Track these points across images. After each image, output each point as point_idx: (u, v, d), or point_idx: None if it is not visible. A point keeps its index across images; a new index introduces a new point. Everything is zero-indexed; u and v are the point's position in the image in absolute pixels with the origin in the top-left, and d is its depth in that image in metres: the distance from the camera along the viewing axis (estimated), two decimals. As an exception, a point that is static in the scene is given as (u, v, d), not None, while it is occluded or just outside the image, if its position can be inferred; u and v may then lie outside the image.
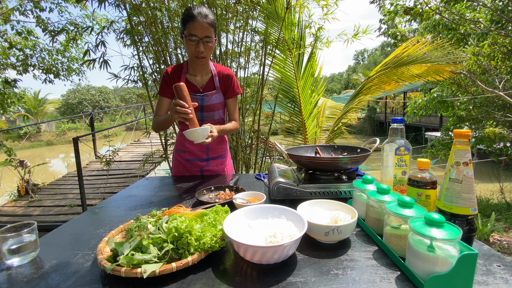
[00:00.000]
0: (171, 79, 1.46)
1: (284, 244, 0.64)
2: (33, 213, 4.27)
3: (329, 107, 4.18)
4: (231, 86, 1.52)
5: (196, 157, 1.59)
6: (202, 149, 1.58)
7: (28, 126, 16.43)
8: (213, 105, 1.49)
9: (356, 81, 27.27)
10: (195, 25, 1.30)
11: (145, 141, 8.98)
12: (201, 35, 1.32)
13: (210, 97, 1.48)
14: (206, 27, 1.31)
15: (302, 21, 3.08)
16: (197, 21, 1.29)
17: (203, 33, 1.32)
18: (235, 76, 1.54)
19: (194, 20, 1.29)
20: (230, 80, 1.51)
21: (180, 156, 1.61)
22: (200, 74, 1.49)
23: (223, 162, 1.65)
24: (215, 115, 1.52)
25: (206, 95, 1.47)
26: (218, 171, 1.63)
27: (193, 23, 1.30)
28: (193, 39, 1.32)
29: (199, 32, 1.31)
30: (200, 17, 1.29)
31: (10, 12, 5.55)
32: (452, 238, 0.56)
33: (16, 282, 0.65)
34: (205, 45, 1.34)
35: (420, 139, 16.23)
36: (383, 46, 46.04)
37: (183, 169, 1.61)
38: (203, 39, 1.33)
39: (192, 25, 1.30)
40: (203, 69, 1.48)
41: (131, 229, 0.77)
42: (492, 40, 4.30)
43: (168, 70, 1.48)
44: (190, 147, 1.57)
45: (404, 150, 0.94)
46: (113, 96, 27.31)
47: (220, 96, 1.51)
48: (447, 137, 5.42)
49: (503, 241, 3.44)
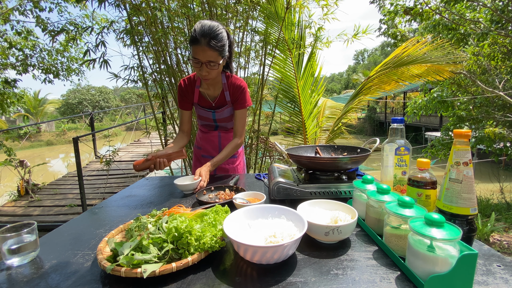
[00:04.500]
0: (185, 93, 1.51)
1: (284, 244, 0.64)
2: (33, 213, 4.27)
3: (329, 107, 4.17)
4: (240, 98, 1.49)
5: (209, 154, 1.67)
6: (215, 147, 1.66)
7: (28, 126, 16.42)
8: (225, 118, 1.56)
9: (356, 81, 27.27)
10: (197, 50, 1.24)
11: (145, 141, 8.97)
12: (203, 60, 1.26)
13: (221, 113, 1.53)
14: (209, 53, 1.24)
15: (302, 21, 3.09)
16: (200, 45, 1.22)
17: (205, 58, 1.26)
18: (246, 88, 1.51)
19: (197, 43, 1.23)
20: (240, 91, 1.48)
21: (197, 152, 1.73)
22: (213, 88, 1.50)
23: (235, 161, 1.70)
24: (228, 125, 1.61)
25: (217, 112, 1.52)
26: (229, 169, 1.68)
27: (196, 46, 1.24)
28: (196, 62, 1.28)
29: (201, 57, 1.25)
30: (203, 41, 1.22)
31: (10, 12, 5.55)
32: (452, 238, 0.56)
33: (16, 282, 0.65)
34: (209, 69, 1.29)
35: (420, 139, 16.22)
36: (383, 46, 46.04)
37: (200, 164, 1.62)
38: (206, 63, 1.27)
39: (195, 48, 1.24)
40: (215, 84, 1.48)
41: (131, 229, 0.77)
42: (492, 40, 4.30)
43: (181, 84, 1.51)
44: (205, 145, 1.67)
45: (404, 150, 0.94)
46: (113, 96, 27.29)
47: (232, 109, 1.54)
48: (447, 137, 5.42)
49: (503, 241, 3.44)
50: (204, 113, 1.54)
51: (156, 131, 3.18)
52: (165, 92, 3.05)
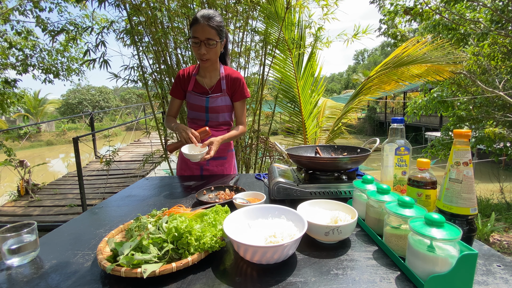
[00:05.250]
0: (181, 82, 1.55)
1: (284, 244, 0.64)
2: (33, 213, 4.27)
3: (329, 107, 4.17)
4: (239, 89, 1.54)
5: None
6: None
7: (28, 126, 16.43)
8: (217, 107, 1.53)
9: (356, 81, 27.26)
10: (197, 28, 1.33)
11: (145, 141, 8.97)
12: (202, 37, 1.34)
13: (215, 99, 1.52)
14: (208, 30, 1.33)
15: (302, 21, 3.09)
16: (199, 23, 1.32)
17: (204, 35, 1.33)
18: (243, 79, 1.56)
19: (197, 22, 1.32)
20: (238, 83, 1.53)
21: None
22: (209, 76, 1.53)
23: (224, 163, 1.66)
24: (220, 117, 1.57)
25: (211, 97, 1.51)
26: (217, 171, 1.64)
27: (196, 26, 1.33)
28: (195, 42, 1.35)
29: (200, 34, 1.33)
30: (202, 19, 1.32)
31: (9, 12, 5.55)
32: (452, 238, 0.56)
33: (16, 282, 0.65)
34: (208, 48, 1.36)
35: (420, 139, 16.22)
36: (383, 46, 46.03)
37: (186, 166, 1.64)
38: (205, 42, 1.34)
39: (195, 28, 1.33)
40: (212, 71, 1.52)
41: (131, 229, 0.77)
42: (492, 40, 4.30)
43: (180, 73, 1.55)
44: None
45: (404, 150, 0.94)
46: (113, 96, 27.29)
47: (226, 99, 1.54)
48: (447, 137, 5.42)
49: (503, 241, 3.44)
50: (197, 100, 1.52)
51: (156, 131, 3.17)
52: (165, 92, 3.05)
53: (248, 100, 2.97)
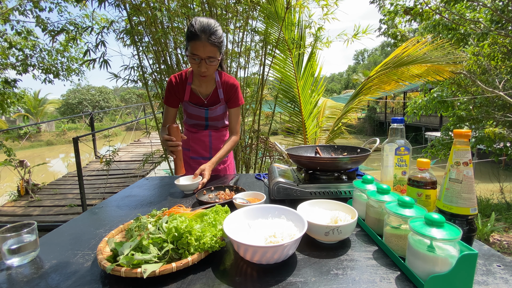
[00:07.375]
0: (175, 90, 1.47)
1: (284, 244, 0.64)
2: (33, 213, 4.27)
3: (329, 107, 4.17)
4: (234, 97, 1.51)
5: (199, 155, 1.63)
6: (205, 148, 1.62)
7: (28, 126, 16.43)
8: (217, 116, 1.53)
9: (356, 81, 27.27)
10: (197, 45, 1.22)
11: (145, 141, 8.97)
12: (203, 56, 1.25)
13: (214, 110, 1.50)
14: (209, 48, 1.23)
15: (302, 21, 3.09)
16: (200, 40, 1.21)
17: (205, 54, 1.25)
18: (239, 86, 1.53)
19: (197, 39, 1.21)
20: (234, 90, 1.50)
21: (185, 154, 1.64)
22: (205, 85, 1.48)
23: (225, 162, 1.68)
24: (219, 124, 1.57)
25: (210, 109, 1.49)
26: (218, 170, 1.66)
27: (196, 42, 1.22)
28: (195, 58, 1.26)
29: (201, 52, 1.24)
30: (204, 36, 1.21)
31: (9, 12, 5.55)
32: (452, 238, 0.56)
33: (16, 282, 0.65)
34: (208, 65, 1.29)
35: (420, 139, 16.22)
36: (383, 46, 46.03)
37: (188, 166, 1.63)
38: (206, 59, 1.26)
39: (195, 44, 1.22)
40: (207, 81, 1.47)
41: (131, 229, 0.77)
42: (492, 40, 4.30)
43: (172, 80, 1.46)
44: (194, 146, 1.62)
45: (404, 150, 0.94)
46: (113, 96, 27.28)
47: (224, 107, 1.53)
48: (447, 137, 5.42)
49: (503, 241, 3.44)
50: (195, 111, 1.49)
51: (156, 131, 3.18)
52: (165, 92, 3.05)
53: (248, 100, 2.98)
